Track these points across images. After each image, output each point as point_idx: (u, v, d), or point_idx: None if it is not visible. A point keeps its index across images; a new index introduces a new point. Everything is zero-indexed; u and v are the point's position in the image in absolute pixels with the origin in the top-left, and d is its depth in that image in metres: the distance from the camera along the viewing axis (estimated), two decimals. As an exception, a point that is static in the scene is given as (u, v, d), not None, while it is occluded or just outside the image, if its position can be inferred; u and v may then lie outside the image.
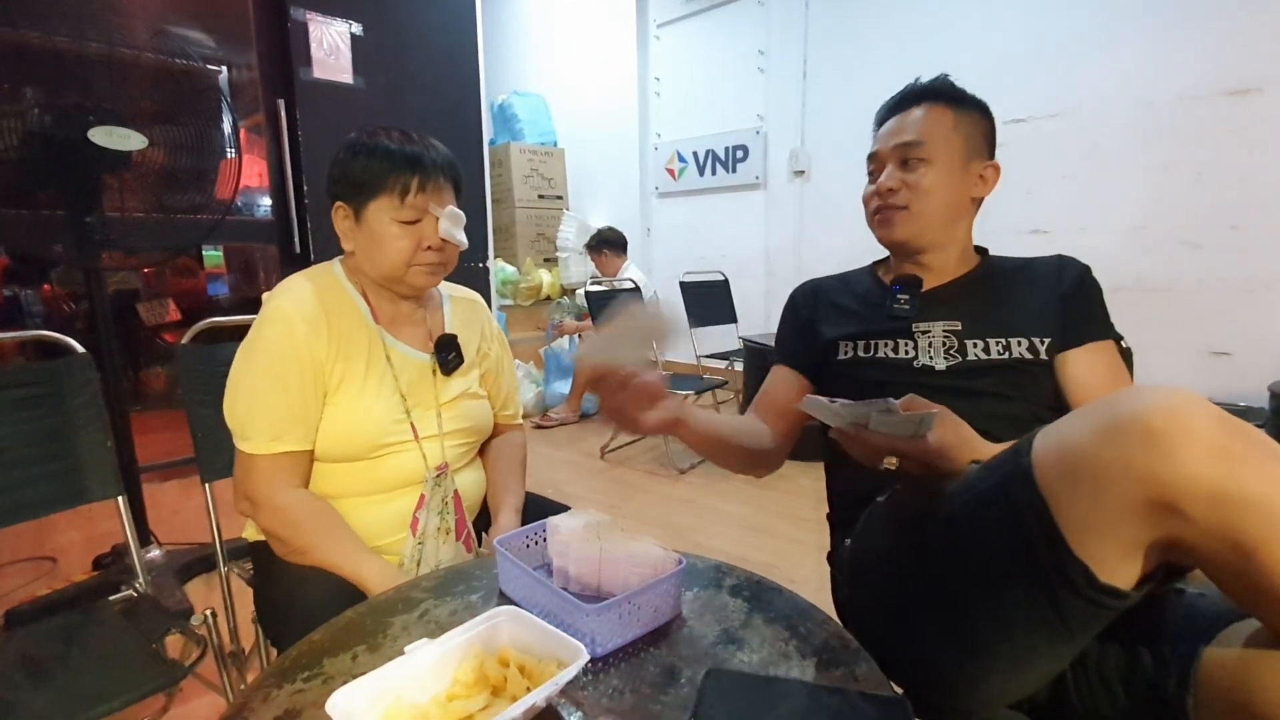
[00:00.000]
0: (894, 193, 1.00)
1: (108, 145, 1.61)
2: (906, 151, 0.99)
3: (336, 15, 2.56)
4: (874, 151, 1.04)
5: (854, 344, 1.04)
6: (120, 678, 0.90)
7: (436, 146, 1.00)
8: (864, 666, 0.62)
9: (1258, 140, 2.53)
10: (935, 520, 0.74)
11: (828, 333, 1.07)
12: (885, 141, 1.02)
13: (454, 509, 1.04)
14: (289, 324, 0.94)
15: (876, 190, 1.02)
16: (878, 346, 1.02)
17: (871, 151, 1.05)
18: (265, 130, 2.56)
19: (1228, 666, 0.58)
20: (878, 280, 1.11)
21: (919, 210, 0.99)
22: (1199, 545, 0.54)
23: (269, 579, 0.99)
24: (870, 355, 1.02)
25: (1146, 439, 0.54)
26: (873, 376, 1.00)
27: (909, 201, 0.99)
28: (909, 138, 0.99)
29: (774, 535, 2.37)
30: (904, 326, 1.01)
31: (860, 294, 1.10)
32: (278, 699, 0.59)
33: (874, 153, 1.04)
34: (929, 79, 1.04)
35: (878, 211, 1.03)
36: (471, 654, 0.60)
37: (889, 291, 1.05)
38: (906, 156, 1.00)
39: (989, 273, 1.05)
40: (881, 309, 1.04)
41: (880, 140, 1.04)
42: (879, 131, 1.05)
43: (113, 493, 1.19)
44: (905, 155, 1.00)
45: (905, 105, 1.02)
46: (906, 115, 1.02)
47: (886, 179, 1.00)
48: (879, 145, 1.03)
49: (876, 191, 1.02)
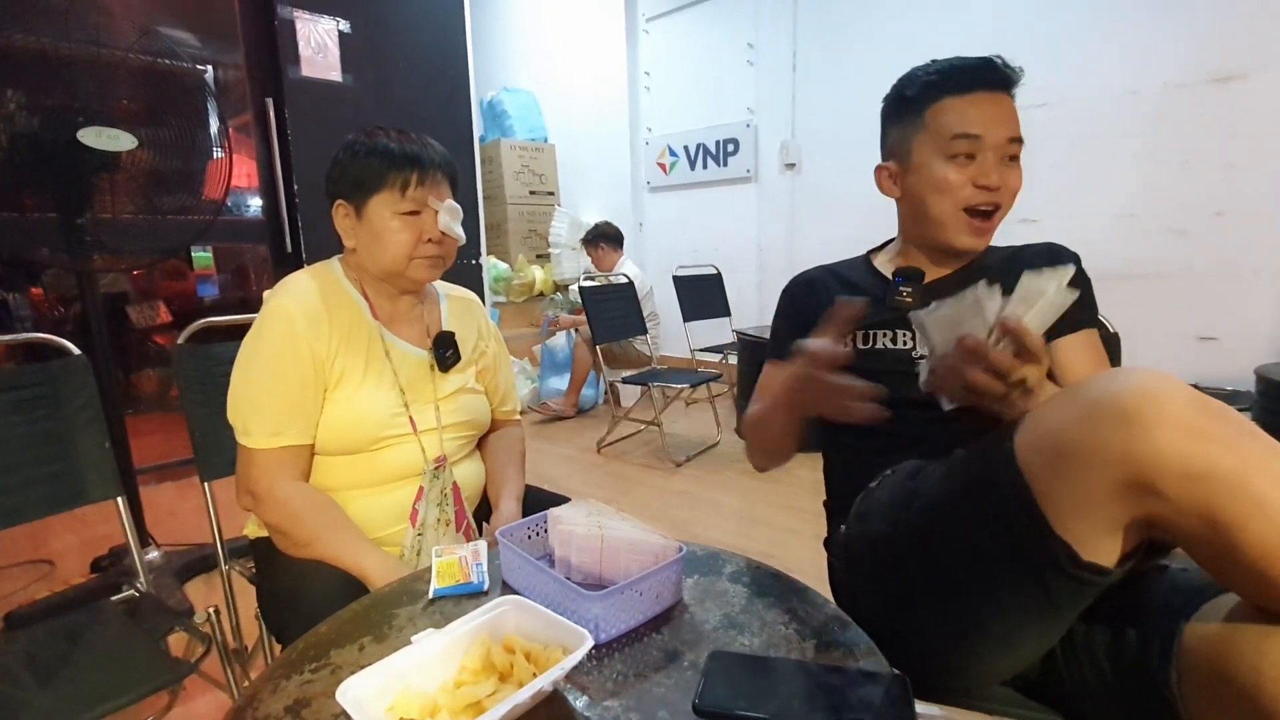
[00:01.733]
0: (998, 191, 0.91)
1: (97, 146, 1.60)
2: (1012, 149, 0.91)
3: (324, 13, 2.55)
4: (978, 133, 0.89)
5: (853, 335, 1.01)
6: (125, 676, 0.90)
7: (433, 145, 1.03)
8: (863, 646, 0.63)
9: (1242, 127, 2.56)
10: (925, 504, 0.75)
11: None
12: (996, 128, 0.89)
13: (453, 500, 1.05)
14: (290, 321, 0.95)
15: (982, 184, 0.90)
16: (876, 337, 1.00)
17: (973, 132, 0.89)
18: (254, 129, 2.55)
19: (1208, 640, 0.59)
20: (874, 271, 1.08)
21: (1003, 214, 0.93)
22: (1176, 522, 0.55)
23: (271, 574, 0.99)
24: (869, 346, 1.00)
25: (1123, 420, 0.55)
26: (871, 367, 0.96)
27: (1003, 202, 0.92)
28: (1017, 134, 0.91)
29: (771, 526, 2.39)
30: (903, 317, 0.98)
31: (857, 285, 1.07)
32: (287, 689, 0.60)
33: (977, 134, 0.89)
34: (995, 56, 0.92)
35: (976, 207, 0.91)
36: (478, 642, 0.61)
37: (889, 283, 1.02)
38: (1011, 153, 0.91)
39: (984, 263, 1.03)
40: (880, 300, 1.01)
41: (986, 122, 0.89)
42: (962, 104, 0.90)
43: (112, 494, 1.19)
44: (1010, 152, 0.91)
45: (997, 85, 0.91)
46: (1003, 101, 0.91)
47: (997, 176, 0.90)
48: (985, 128, 0.89)
49: (981, 185, 0.90)
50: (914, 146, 0.96)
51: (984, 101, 0.90)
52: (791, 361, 0.79)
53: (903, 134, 0.98)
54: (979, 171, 0.90)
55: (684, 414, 3.97)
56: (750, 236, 4.27)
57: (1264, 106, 2.50)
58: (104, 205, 1.72)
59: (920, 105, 0.94)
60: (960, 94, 0.91)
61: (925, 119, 0.94)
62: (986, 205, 0.92)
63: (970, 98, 0.90)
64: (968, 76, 0.91)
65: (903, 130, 0.98)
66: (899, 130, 0.98)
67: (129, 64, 1.70)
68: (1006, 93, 0.92)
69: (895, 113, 0.99)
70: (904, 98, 0.97)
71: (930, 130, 0.93)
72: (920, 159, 0.95)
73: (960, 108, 0.91)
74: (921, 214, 0.97)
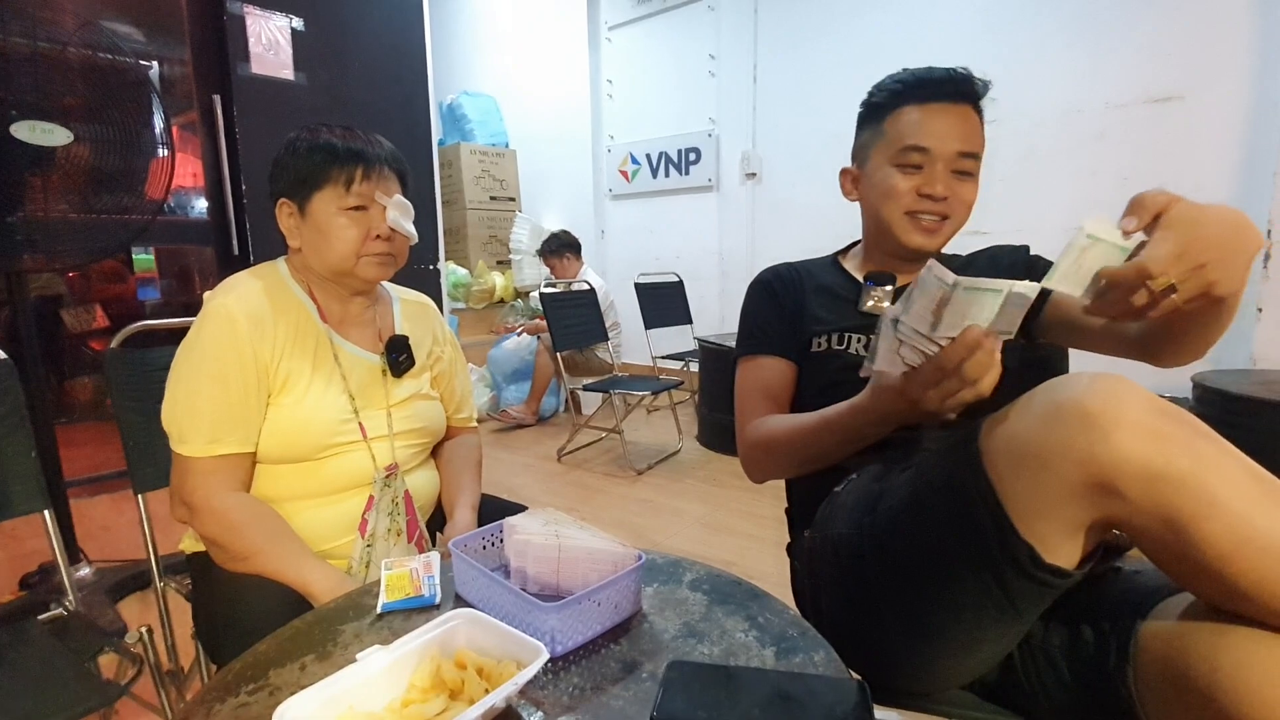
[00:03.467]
0: (945, 200, 0.93)
1: (31, 141, 1.53)
2: (962, 162, 0.92)
3: (275, 9, 2.47)
4: (927, 146, 0.91)
5: (828, 337, 1.01)
6: (50, 699, 0.84)
7: (380, 141, 0.99)
8: (821, 654, 0.63)
9: (1177, 146, 2.68)
10: (890, 505, 0.75)
11: (806, 324, 1.03)
12: (945, 141, 0.91)
13: (405, 510, 1.01)
14: (231, 322, 0.90)
15: (925, 192, 0.92)
16: (850, 340, 0.99)
17: (922, 145, 0.92)
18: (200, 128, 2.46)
19: (1164, 639, 0.60)
20: (844, 273, 1.08)
21: (955, 223, 0.95)
22: (1135, 523, 0.57)
23: (208, 591, 0.94)
24: (844, 348, 0.99)
25: (1083, 423, 0.56)
26: (844, 370, 0.97)
27: (951, 213, 0.94)
28: (970, 149, 0.92)
29: (733, 533, 2.39)
30: (875, 320, 0.98)
31: (828, 286, 1.06)
32: (221, 713, 0.57)
33: (926, 146, 0.91)
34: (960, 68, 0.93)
35: (919, 214, 0.94)
36: (427, 658, 0.59)
37: (860, 286, 1.03)
38: (961, 167, 0.93)
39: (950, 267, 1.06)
40: (852, 303, 1.02)
41: (934, 135, 0.91)
42: (919, 116, 0.92)
43: (38, 507, 1.12)
44: (960, 165, 0.92)
45: (951, 95, 0.92)
46: (961, 114, 0.92)
47: (943, 185, 0.92)
48: (934, 141, 0.91)
49: (925, 193, 0.93)
50: (872, 152, 0.98)
51: (939, 114, 0.92)
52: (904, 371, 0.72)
53: (866, 139, 1.00)
54: (924, 181, 0.93)
55: (645, 422, 3.97)
56: (711, 245, 4.30)
57: (1198, 126, 2.63)
58: (36, 203, 1.63)
59: (882, 112, 0.96)
60: (918, 104, 0.93)
61: (884, 126, 0.96)
62: (930, 214, 0.94)
63: (927, 109, 0.93)
64: (928, 88, 0.93)
65: (866, 135, 1.00)
66: (864, 135, 1.01)
67: (68, 57, 1.63)
68: (970, 105, 0.93)
69: (863, 118, 1.02)
70: (871, 104, 0.99)
71: (886, 138, 0.95)
72: (875, 164, 0.98)
73: (915, 118, 0.93)
74: (874, 217, 1.00)
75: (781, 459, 0.96)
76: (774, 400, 1.02)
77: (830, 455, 0.90)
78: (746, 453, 1.01)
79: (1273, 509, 0.53)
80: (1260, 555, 0.52)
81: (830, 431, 0.87)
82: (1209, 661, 0.54)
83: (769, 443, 0.96)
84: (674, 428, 3.54)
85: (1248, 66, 2.52)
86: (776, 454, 0.96)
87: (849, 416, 0.84)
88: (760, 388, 1.03)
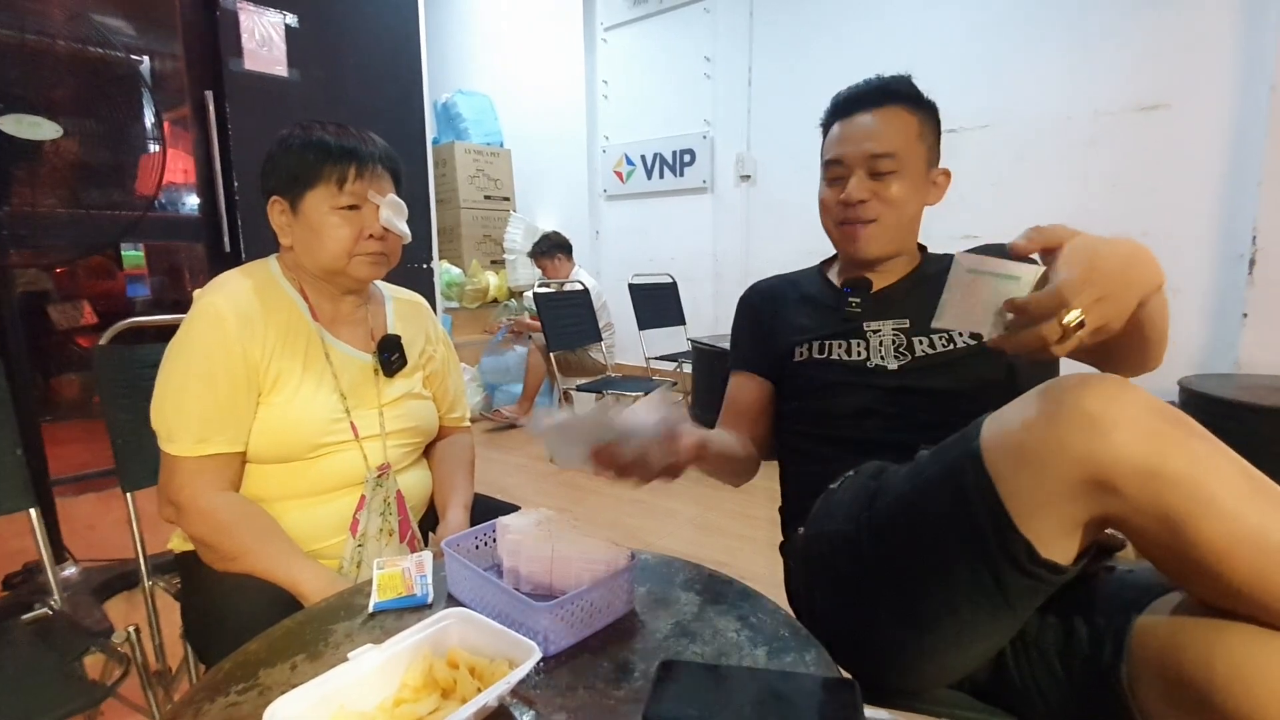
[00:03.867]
0: (863, 204, 0.95)
1: (18, 134, 1.51)
2: (877, 163, 0.94)
3: (269, 5, 2.46)
4: (838, 156, 0.97)
5: (809, 345, 1.03)
6: (34, 700, 0.83)
7: (374, 139, 0.99)
8: (813, 653, 0.63)
9: (1165, 153, 2.71)
10: (889, 501, 0.76)
11: (784, 336, 1.06)
12: (853, 146, 0.95)
13: (396, 509, 1.01)
14: (221, 320, 0.90)
15: (843, 199, 0.96)
16: (831, 348, 1.01)
17: (835, 157, 0.97)
18: (192, 123, 2.44)
19: (1159, 635, 0.61)
20: (827, 281, 1.11)
21: (888, 223, 0.97)
22: (1132, 521, 0.58)
23: (197, 591, 0.93)
24: (825, 356, 1.01)
25: (1084, 422, 0.57)
26: (828, 377, 1.00)
27: (879, 214, 0.96)
28: (881, 149, 0.94)
29: (725, 534, 2.40)
30: (856, 327, 1.01)
31: (811, 295, 1.09)
32: (210, 712, 0.56)
33: (838, 158, 0.97)
34: (888, 75, 0.98)
35: (844, 223, 0.98)
36: (420, 657, 0.59)
37: (840, 294, 1.05)
38: (877, 168, 0.95)
39: (929, 270, 1.06)
40: (835, 310, 1.04)
41: (845, 143, 0.96)
42: (838, 130, 0.98)
43: (23, 505, 1.11)
44: (876, 167, 0.95)
45: (869, 103, 0.96)
46: (873, 117, 0.95)
47: (856, 190, 0.95)
48: (844, 150, 0.96)
49: (843, 201, 0.96)
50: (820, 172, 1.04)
51: (850, 126, 0.97)
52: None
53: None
54: (843, 189, 0.97)
55: (638, 422, 3.96)
56: (706, 246, 4.31)
57: (1185, 134, 2.66)
58: (23, 197, 1.61)
59: (823, 134, 1.04)
60: (840, 120, 0.99)
61: (822, 148, 1.03)
62: (851, 220, 0.98)
63: (845, 123, 0.98)
64: (846, 104, 0.99)
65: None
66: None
67: (57, 50, 1.61)
68: (893, 106, 0.96)
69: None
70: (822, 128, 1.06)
71: (821, 158, 1.02)
72: (819, 184, 1.04)
73: (834, 135, 0.99)
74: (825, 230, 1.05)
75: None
76: (739, 414, 1.08)
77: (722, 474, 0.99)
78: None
79: (1266, 508, 0.54)
80: (1254, 553, 0.53)
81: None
82: (1204, 658, 0.55)
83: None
84: (666, 429, 3.54)
85: (1233, 77, 2.55)
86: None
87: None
88: (730, 401, 1.11)
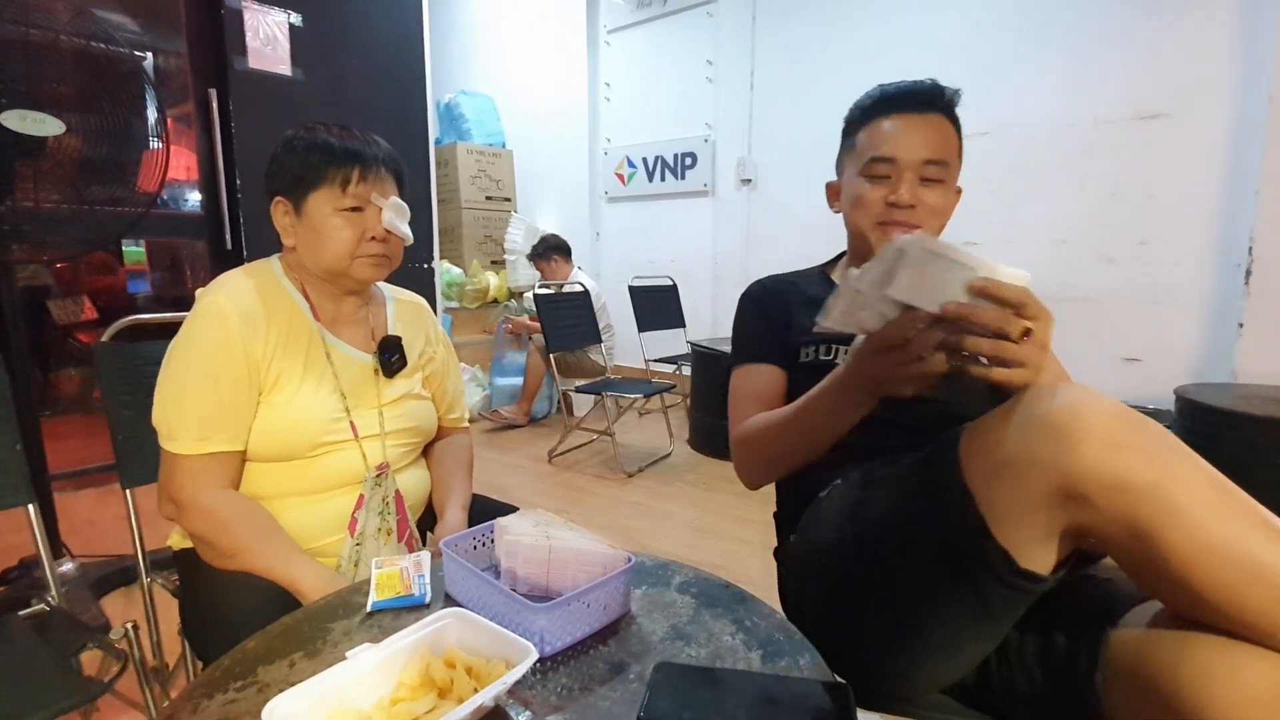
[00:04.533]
0: (911, 209, 0.93)
1: (21, 130, 1.51)
2: (929, 169, 0.93)
3: (274, 4, 2.47)
4: (891, 155, 0.93)
5: (815, 347, 1.02)
6: (31, 695, 0.83)
7: (378, 141, 0.99)
8: (807, 657, 0.64)
9: (1164, 162, 2.72)
10: (872, 511, 0.77)
11: (794, 335, 1.04)
12: (910, 150, 0.92)
13: (395, 509, 1.01)
14: (223, 319, 0.90)
15: (893, 201, 0.93)
16: (838, 352, 1.00)
17: (888, 155, 0.93)
18: (195, 121, 2.44)
19: (1132, 645, 0.62)
20: (831, 284, 1.09)
21: (931, 231, 0.95)
22: (1103, 531, 0.58)
23: (195, 588, 0.94)
24: (830, 359, 1.00)
25: (1053, 434, 0.58)
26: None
27: (922, 221, 0.94)
28: (937, 156, 0.92)
29: (721, 537, 2.40)
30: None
31: (816, 297, 1.05)
32: (209, 709, 0.57)
33: (891, 156, 0.93)
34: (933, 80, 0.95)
35: (886, 223, 0.95)
36: (417, 657, 0.59)
37: None
38: (928, 174, 0.93)
39: None
40: None
41: (900, 143, 0.93)
42: (890, 127, 0.94)
43: (22, 500, 1.11)
44: (927, 173, 0.93)
45: (923, 106, 0.94)
46: (928, 124, 0.93)
47: (909, 194, 0.92)
48: (899, 150, 0.92)
49: (892, 202, 0.93)
50: (845, 166, 1.02)
51: (905, 124, 0.94)
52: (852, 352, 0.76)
53: (841, 154, 1.04)
54: (891, 189, 0.94)
55: (637, 424, 3.97)
56: (706, 249, 4.31)
57: (1184, 144, 2.67)
58: (26, 193, 1.62)
59: (855, 128, 1.00)
60: (886, 117, 0.95)
61: (856, 140, 0.99)
62: (897, 222, 0.95)
63: (893, 120, 0.94)
64: (894, 101, 0.95)
65: (842, 150, 1.04)
66: (841, 150, 1.05)
67: (60, 46, 1.62)
68: (939, 114, 0.95)
69: (843, 134, 1.05)
70: (848, 120, 1.03)
71: (856, 151, 0.98)
72: (847, 177, 1.00)
73: (881, 131, 0.95)
74: (850, 228, 1.02)
75: (769, 452, 0.96)
76: (764, 404, 1.02)
77: (814, 441, 0.89)
78: (737, 454, 1.01)
79: (1233, 519, 0.54)
80: (1220, 564, 0.53)
81: (809, 412, 0.87)
82: (1172, 669, 0.55)
83: (757, 438, 0.97)
84: (665, 431, 3.55)
85: (1231, 87, 2.56)
86: (764, 447, 0.96)
87: (822, 396, 0.85)
88: (751, 394, 1.04)
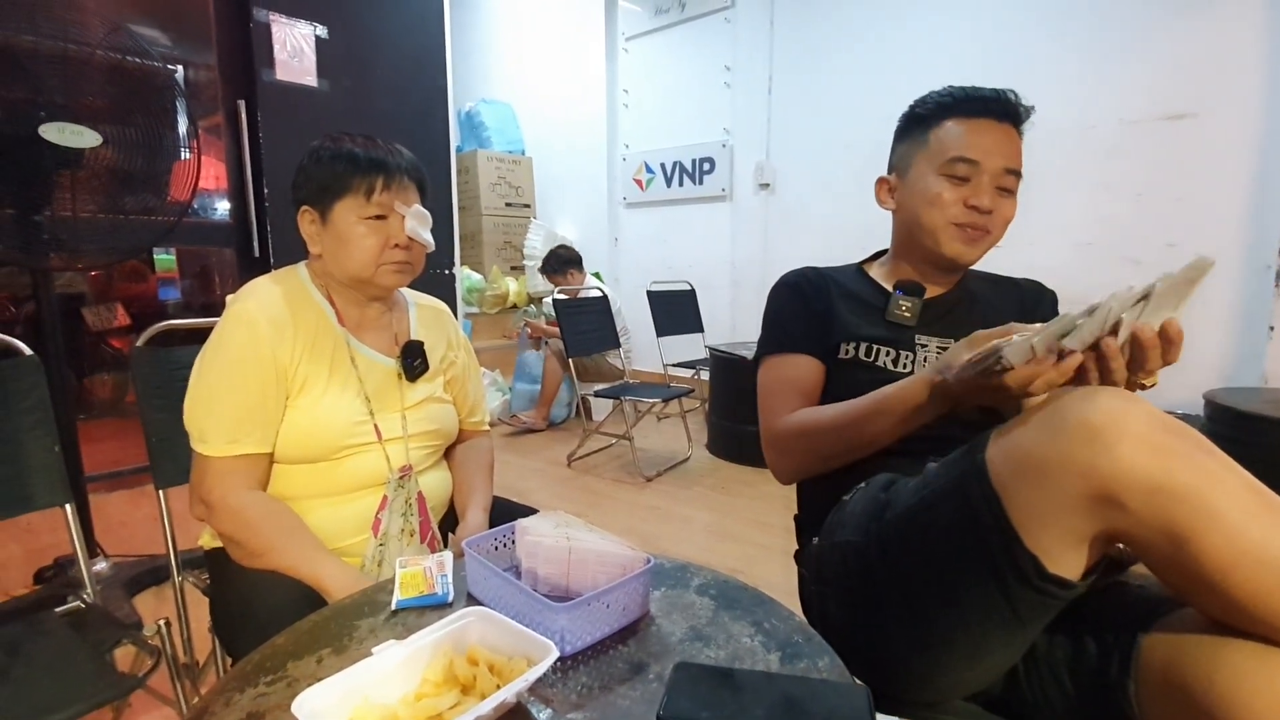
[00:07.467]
0: (989, 215, 0.94)
1: (60, 142, 1.56)
2: (1007, 179, 0.94)
3: (301, 17, 2.53)
4: (978, 159, 0.93)
5: (856, 345, 1.00)
6: (67, 689, 0.86)
7: (401, 151, 1.02)
8: (826, 659, 0.64)
9: (1191, 163, 2.67)
10: (897, 514, 0.76)
11: (836, 329, 1.02)
12: (994, 157, 0.93)
13: (418, 510, 1.03)
14: (253, 325, 0.93)
15: (974, 204, 0.94)
16: (879, 353, 0.99)
17: (974, 157, 0.93)
18: (224, 131, 2.51)
19: (1165, 651, 0.61)
20: (871, 281, 1.08)
21: (993, 239, 0.97)
22: (1137, 535, 0.57)
23: (225, 586, 0.96)
24: (871, 359, 0.99)
25: (1088, 436, 0.57)
26: (868, 381, 0.94)
27: (992, 228, 0.95)
28: (1017, 166, 0.94)
29: (740, 541, 2.39)
30: (908, 338, 0.99)
31: (855, 293, 1.06)
32: (240, 703, 0.58)
33: (977, 160, 0.93)
34: (1013, 91, 0.95)
35: (964, 226, 0.95)
36: (440, 654, 0.60)
37: (887, 295, 1.03)
38: (1005, 184, 0.94)
39: (973, 289, 1.06)
40: (880, 311, 1.02)
41: (986, 148, 0.93)
42: (975, 128, 0.94)
43: (60, 500, 1.15)
44: (1004, 182, 0.94)
45: (1002, 114, 0.95)
46: (1008, 133, 0.94)
47: (989, 199, 0.93)
48: (984, 155, 0.93)
49: (972, 205, 0.94)
50: (914, 162, 0.99)
51: (987, 130, 0.94)
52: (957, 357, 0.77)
53: (907, 149, 1.01)
54: (971, 193, 0.94)
55: (655, 429, 3.97)
56: (724, 254, 4.31)
57: (1211, 144, 2.62)
58: (64, 203, 1.67)
59: (928, 124, 0.98)
60: (966, 119, 0.95)
61: (929, 137, 0.97)
62: (975, 225, 0.95)
63: (975, 123, 0.94)
64: (977, 104, 0.95)
65: (908, 146, 1.01)
66: (905, 146, 1.02)
67: (96, 60, 1.67)
68: (1013, 125, 0.95)
69: (905, 129, 1.03)
70: (915, 116, 1.01)
71: (932, 148, 0.97)
72: (918, 173, 0.98)
73: (963, 132, 0.94)
74: (914, 224, 1.00)
75: (824, 450, 0.94)
76: (805, 397, 1.00)
77: (878, 442, 0.89)
78: (779, 447, 0.99)
79: (1271, 524, 0.54)
80: (1257, 569, 0.52)
81: (881, 414, 0.87)
82: (1206, 675, 0.55)
83: (807, 434, 0.95)
84: (684, 435, 3.55)
85: (1259, 87, 2.51)
86: (819, 445, 0.94)
87: (902, 400, 0.85)
88: (790, 384, 1.01)
